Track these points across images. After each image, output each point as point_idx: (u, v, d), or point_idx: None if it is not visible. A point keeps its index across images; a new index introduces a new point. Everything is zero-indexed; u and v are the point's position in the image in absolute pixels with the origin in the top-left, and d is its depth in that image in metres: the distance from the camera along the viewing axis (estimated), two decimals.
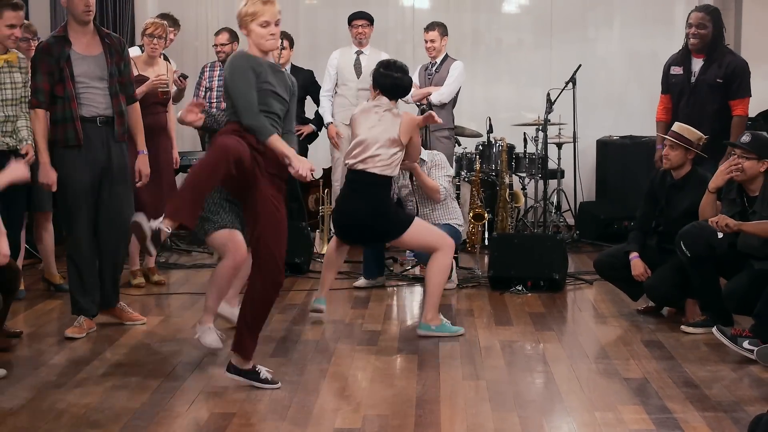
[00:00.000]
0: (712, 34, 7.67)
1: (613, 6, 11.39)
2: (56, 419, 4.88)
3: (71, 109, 6.32)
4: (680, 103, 7.80)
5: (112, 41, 6.52)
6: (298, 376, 5.61)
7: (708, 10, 7.77)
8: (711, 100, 7.67)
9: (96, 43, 6.47)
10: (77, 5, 6.36)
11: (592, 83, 10.61)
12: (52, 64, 6.32)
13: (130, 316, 6.76)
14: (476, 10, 11.45)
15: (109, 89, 6.45)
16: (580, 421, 4.90)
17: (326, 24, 11.37)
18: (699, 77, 7.72)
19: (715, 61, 7.68)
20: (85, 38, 6.44)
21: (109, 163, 6.46)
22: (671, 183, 7.00)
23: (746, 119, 7.78)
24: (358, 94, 9.65)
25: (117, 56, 6.51)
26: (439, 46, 9.44)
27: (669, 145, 6.89)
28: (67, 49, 6.36)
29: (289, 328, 6.73)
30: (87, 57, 6.41)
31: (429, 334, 6.47)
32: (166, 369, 5.73)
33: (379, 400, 5.20)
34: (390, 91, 6.76)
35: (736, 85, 7.66)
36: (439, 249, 6.56)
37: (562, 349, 6.25)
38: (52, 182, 6.34)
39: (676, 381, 5.49)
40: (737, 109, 7.66)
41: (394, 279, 8.37)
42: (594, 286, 8.05)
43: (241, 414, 4.96)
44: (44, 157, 6.34)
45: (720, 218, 6.25)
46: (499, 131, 9.80)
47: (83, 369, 5.76)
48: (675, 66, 7.89)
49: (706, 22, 7.66)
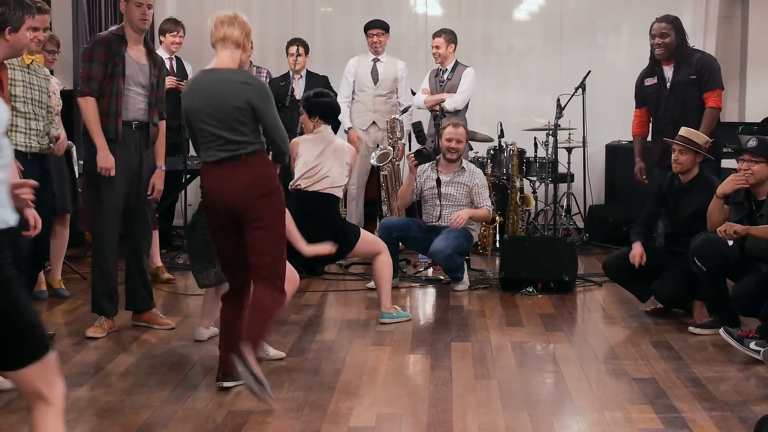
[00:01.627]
0: (676, 41, 7.76)
1: (622, 14, 11.36)
2: (78, 417, 4.89)
3: (117, 105, 6.35)
4: (659, 110, 7.89)
5: (156, 57, 6.62)
6: (313, 375, 5.61)
7: (668, 19, 7.84)
8: (689, 98, 7.74)
9: (144, 54, 6.53)
10: (134, 12, 6.40)
11: (601, 89, 10.59)
12: (109, 58, 6.35)
13: (159, 321, 6.76)
14: (488, 17, 11.44)
15: (148, 98, 6.50)
16: (590, 420, 4.89)
17: (341, 31, 11.37)
18: (673, 80, 7.80)
19: (684, 63, 7.77)
20: (137, 45, 6.50)
21: (140, 168, 6.50)
22: (679, 186, 6.98)
23: (718, 111, 7.82)
24: (375, 100, 9.68)
25: (158, 71, 6.58)
26: (444, 52, 9.42)
27: (678, 149, 6.88)
28: (124, 48, 6.42)
29: (305, 328, 6.73)
30: (136, 63, 6.47)
31: (391, 321, 6.87)
32: (185, 368, 5.74)
33: (392, 399, 5.20)
34: (329, 114, 6.97)
35: (707, 78, 7.74)
36: (381, 251, 6.97)
37: (571, 349, 6.24)
38: (111, 166, 6.30)
39: (684, 381, 5.47)
40: (709, 101, 7.71)
41: (407, 280, 8.36)
42: (603, 288, 8.03)
43: (258, 412, 4.96)
44: (100, 141, 6.30)
45: (726, 226, 6.23)
46: (510, 136, 9.79)
47: (104, 368, 5.77)
48: (648, 78, 7.98)
49: (668, 31, 7.76)
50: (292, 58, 9.58)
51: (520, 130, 10.03)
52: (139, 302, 6.72)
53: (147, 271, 6.85)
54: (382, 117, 9.63)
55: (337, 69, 10.07)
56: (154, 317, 6.74)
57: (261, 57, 10.33)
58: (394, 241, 8.01)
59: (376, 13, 10.27)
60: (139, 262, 6.69)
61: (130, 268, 6.68)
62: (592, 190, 10.46)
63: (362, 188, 9.92)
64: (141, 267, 6.71)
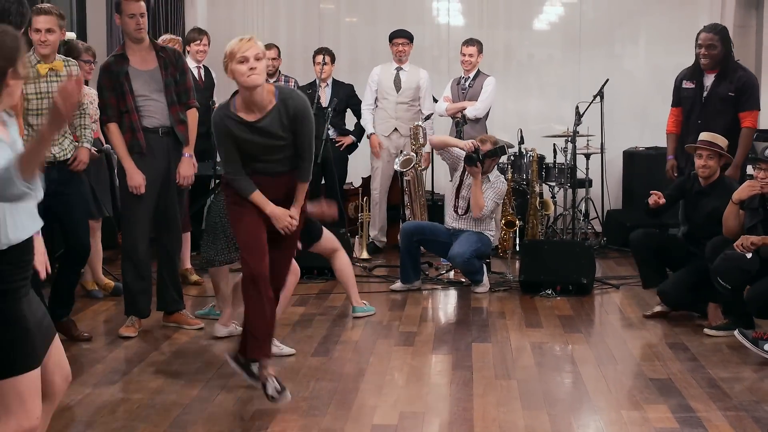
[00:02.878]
0: (722, 53, 7.60)
1: (639, 23, 11.33)
2: (110, 413, 4.92)
3: (132, 121, 6.42)
4: (692, 116, 7.72)
5: (166, 54, 6.59)
6: (338, 374, 5.62)
7: (716, 29, 7.66)
8: (723, 113, 7.57)
9: (152, 58, 6.54)
10: (129, 24, 6.45)
11: (618, 97, 10.55)
12: (113, 80, 6.42)
13: (189, 321, 6.78)
14: (508, 27, 11.43)
15: (167, 100, 6.53)
16: (607, 419, 4.88)
17: (366, 41, 11.38)
18: (711, 91, 7.62)
19: (726, 76, 7.60)
20: (140, 54, 6.51)
21: (169, 173, 6.54)
22: (698, 190, 6.96)
23: (754, 131, 7.69)
24: (397, 108, 9.71)
25: (172, 68, 6.57)
26: (475, 61, 9.46)
27: (707, 155, 6.82)
28: (126, 65, 6.45)
29: (330, 329, 6.74)
30: (144, 71, 6.49)
31: (364, 314, 7.09)
32: (214, 366, 5.76)
33: (414, 398, 5.20)
34: None
35: (746, 98, 7.58)
36: (339, 248, 7.04)
37: (589, 350, 6.22)
38: (139, 185, 6.40)
39: (699, 381, 5.46)
40: (746, 121, 7.57)
41: (429, 283, 8.36)
42: (620, 291, 8.00)
43: (285, 410, 4.98)
44: (128, 163, 6.41)
45: (743, 239, 6.22)
46: (529, 142, 9.77)
47: (136, 366, 5.81)
48: (687, 80, 7.80)
49: (716, 42, 7.57)
50: (318, 66, 9.61)
51: (540, 137, 10.00)
52: (169, 303, 6.76)
53: (178, 273, 6.89)
54: (403, 124, 9.65)
55: (362, 77, 10.09)
56: (183, 318, 6.77)
57: (288, 66, 10.36)
58: (415, 245, 8.04)
59: (400, 23, 10.29)
60: (170, 264, 6.73)
61: (162, 270, 6.72)
62: (610, 195, 10.44)
63: (385, 193, 9.94)
64: (172, 269, 6.75)
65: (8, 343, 3.15)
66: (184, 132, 6.61)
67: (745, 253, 6.21)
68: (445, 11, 11.39)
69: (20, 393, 3.19)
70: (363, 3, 11.53)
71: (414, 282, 8.07)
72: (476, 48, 9.46)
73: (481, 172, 7.90)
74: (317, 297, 7.76)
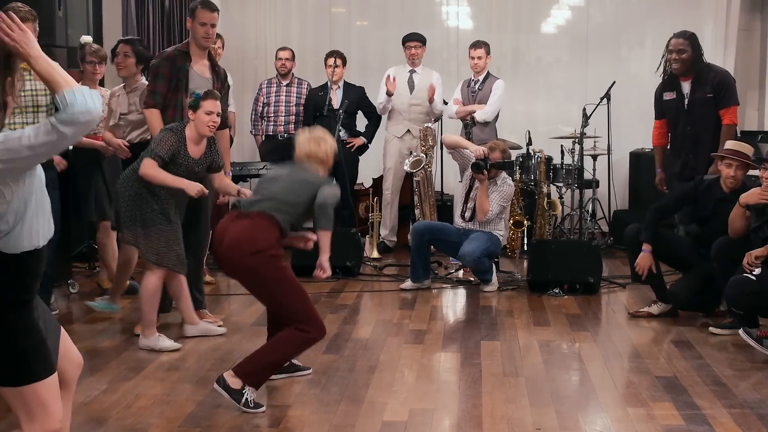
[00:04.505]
0: (692, 56, 7.60)
1: (645, 27, 11.29)
2: (126, 409, 4.93)
3: (181, 117, 6.45)
4: (678, 125, 7.74)
5: (219, 70, 6.76)
6: (348, 371, 5.62)
7: (685, 35, 7.65)
8: (706, 115, 7.58)
9: (207, 68, 6.70)
10: (199, 31, 6.59)
11: (625, 99, 10.52)
12: (172, 72, 6.52)
13: (210, 319, 6.75)
14: (517, 31, 11.40)
15: None
16: (614, 416, 4.87)
17: (376, 44, 11.37)
18: (691, 98, 7.64)
19: (701, 80, 7.61)
20: (201, 60, 6.67)
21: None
22: (721, 197, 6.84)
23: (735, 127, 7.70)
24: (410, 109, 9.71)
25: (220, 84, 6.71)
26: (483, 63, 9.45)
27: (736, 165, 6.75)
28: (188, 63, 6.58)
29: (341, 327, 6.74)
30: (200, 77, 6.61)
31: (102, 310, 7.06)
32: (227, 364, 5.74)
33: (424, 395, 5.20)
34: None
35: (722, 95, 7.59)
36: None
37: (596, 348, 6.21)
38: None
39: (705, 379, 5.44)
40: (725, 118, 7.57)
41: (439, 282, 8.35)
42: (627, 290, 7.99)
43: (296, 406, 4.98)
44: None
45: (747, 258, 6.19)
46: (537, 144, 9.76)
47: (150, 363, 5.81)
48: (667, 92, 7.81)
49: (685, 47, 7.58)
50: (330, 69, 9.62)
51: (548, 138, 9.99)
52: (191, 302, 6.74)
53: (202, 272, 6.89)
54: (416, 126, 9.64)
55: (373, 80, 10.10)
56: (203, 315, 6.77)
57: (300, 69, 10.35)
58: (425, 244, 8.03)
59: (410, 26, 10.29)
60: (194, 263, 6.71)
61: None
62: (617, 196, 10.43)
63: (396, 193, 9.94)
64: (196, 268, 6.74)
65: (26, 352, 3.15)
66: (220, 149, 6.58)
67: (753, 269, 6.17)
68: (454, 15, 11.36)
69: (42, 398, 3.19)
70: (374, 6, 11.52)
71: (424, 281, 8.07)
72: (484, 50, 9.45)
73: (488, 178, 7.90)
74: (328, 295, 7.76)
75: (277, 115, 9.94)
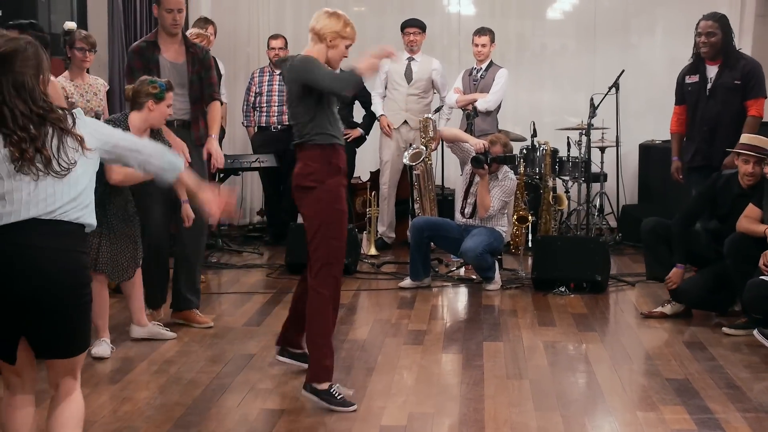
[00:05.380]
0: (722, 40, 7.57)
1: (656, 13, 11.29)
2: (112, 413, 4.92)
3: None
4: (697, 109, 7.71)
5: (196, 51, 6.81)
6: (345, 374, 5.62)
7: (716, 17, 7.63)
8: (729, 103, 7.56)
9: (182, 53, 6.76)
10: (166, 18, 6.68)
11: (634, 88, 10.53)
12: (144, 63, 6.59)
13: (199, 320, 6.77)
14: (521, 17, 11.41)
15: (189, 96, 6.70)
16: (622, 420, 4.87)
17: (373, 30, 11.35)
18: (716, 82, 7.60)
19: (730, 65, 7.59)
20: (172, 47, 6.74)
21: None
22: (739, 192, 6.83)
23: (760, 120, 7.66)
24: (408, 99, 9.72)
25: (199, 65, 6.76)
26: (487, 51, 9.44)
27: (754, 161, 6.73)
28: (157, 53, 6.67)
29: (337, 328, 6.71)
30: (173, 64, 6.68)
31: None
32: (218, 366, 5.76)
33: (424, 398, 5.20)
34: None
35: (752, 85, 7.58)
36: None
37: (604, 349, 6.21)
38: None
39: (718, 382, 5.44)
40: (752, 109, 7.55)
41: (439, 280, 8.36)
42: (636, 288, 7.99)
43: (290, 410, 4.98)
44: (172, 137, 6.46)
45: (763, 258, 6.20)
46: (543, 135, 9.76)
47: (138, 365, 5.81)
48: (690, 75, 7.78)
49: (715, 30, 7.55)
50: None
51: (553, 130, 9.99)
52: (182, 300, 6.75)
53: (197, 270, 6.87)
54: (413, 116, 9.64)
55: None
56: (193, 315, 6.76)
57: None
58: (425, 241, 8.03)
59: (409, 12, 10.27)
60: (187, 259, 6.73)
61: (179, 267, 6.72)
62: (625, 190, 10.43)
63: (394, 187, 9.93)
64: (189, 265, 6.75)
65: (88, 322, 3.66)
66: (199, 130, 6.70)
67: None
68: (456, 0, 11.36)
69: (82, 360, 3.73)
70: None
71: (423, 279, 8.07)
72: (488, 37, 9.44)
73: (488, 173, 7.91)
74: None
75: (270, 106, 9.94)
